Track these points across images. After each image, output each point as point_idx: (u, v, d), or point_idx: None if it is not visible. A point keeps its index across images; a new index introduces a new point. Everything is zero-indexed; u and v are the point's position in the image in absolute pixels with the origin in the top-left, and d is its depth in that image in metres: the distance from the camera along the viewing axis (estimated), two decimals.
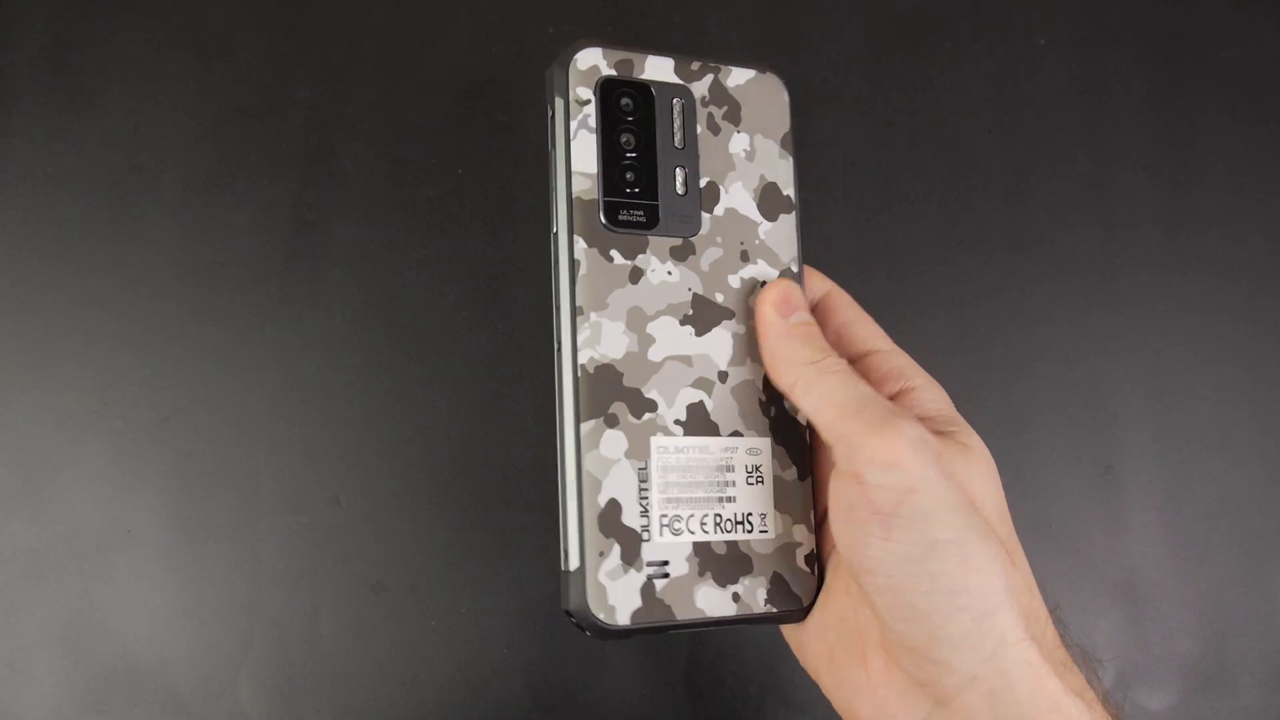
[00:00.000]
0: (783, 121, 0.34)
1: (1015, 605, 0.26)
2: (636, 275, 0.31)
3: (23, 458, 0.43)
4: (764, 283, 0.32)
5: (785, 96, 0.34)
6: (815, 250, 0.47)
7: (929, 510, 0.26)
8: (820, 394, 0.29)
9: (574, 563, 0.29)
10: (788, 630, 0.33)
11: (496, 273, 0.45)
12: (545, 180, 0.32)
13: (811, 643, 0.31)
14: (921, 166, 0.48)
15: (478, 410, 0.44)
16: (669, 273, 0.31)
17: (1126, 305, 0.48)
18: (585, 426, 0.29)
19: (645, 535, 0.29)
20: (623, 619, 0.29)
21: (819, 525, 0.32)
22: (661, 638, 0.36)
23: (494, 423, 0.44)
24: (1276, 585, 0.47)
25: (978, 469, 0.29)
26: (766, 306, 0.31)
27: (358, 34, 0.46)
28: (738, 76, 0.33)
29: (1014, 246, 0.48)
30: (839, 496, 0.28)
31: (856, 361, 0.32)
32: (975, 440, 0.30)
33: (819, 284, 0.34)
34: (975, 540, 0.26)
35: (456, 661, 0.43)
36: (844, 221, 0.47)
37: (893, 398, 0.31)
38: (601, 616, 0.28)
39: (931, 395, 0.31)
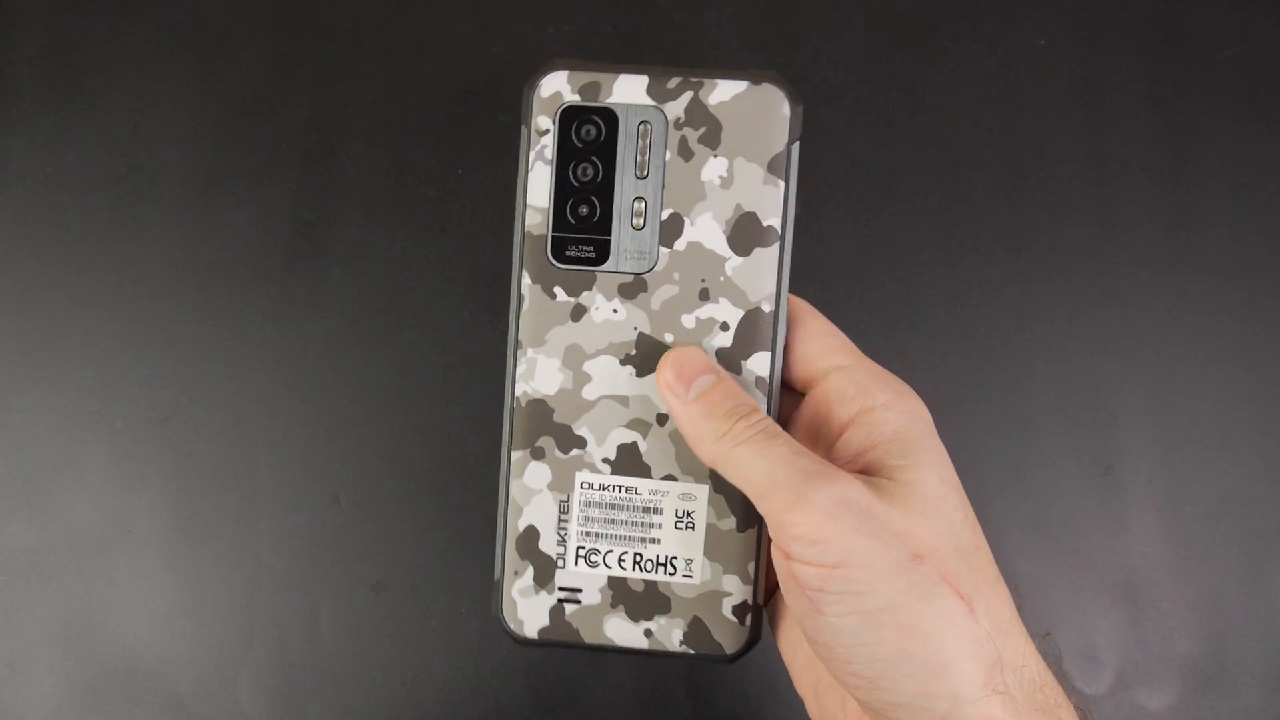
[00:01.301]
0: (776, 140, 0.30)
1: (971, 660, 0.25)
2: (579, 313, 0.30)
3: (23, 458, 0.43)
4: (723, 324, 0.30)
5: (786, 110, 0.30)
6: (815, 250, 0.47)
7: (858, 581, 0.25)
8: (740, 470, 0.27)
9: (496, 574, 0.31)
10: (785, 654, 0.32)
11: (496, 273, 0.45)
12: None
13: (802, 673, 0.31)
14: (921, 166, 0.48)
15: (478, 410, 0.44)
16: (614, 311, 0.30)
17: (1126, 305, 0.48)
18: (514, 455, 0.31)
19: (560, 563, 0.31)
20: (530, 633, 0.31)
21: (764, 577, 0.31)
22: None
23: (494, 423, 0.44)
24: (1276, 585, 0.47)
25: (920, 508, 0.26)
26: (664, 391, 0.29)
27: (358, 34, 0.46)
28: (724, 91, 0.30)
29: (1014, 246, 0.48)
30: (775, 569, 0.27)
31: (818, 382, 0.30)
32: (926, 472, 0.27)
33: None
34: (912, 603, 0.25)
35: (456, 661, 0.43)
36: (844, 221, 0.47)
37: (850, 421, 0.29)
38: (511, 627, 0.31)
39: (893, 414, 0.29)
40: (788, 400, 0.31)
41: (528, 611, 0.31)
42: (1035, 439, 0.47)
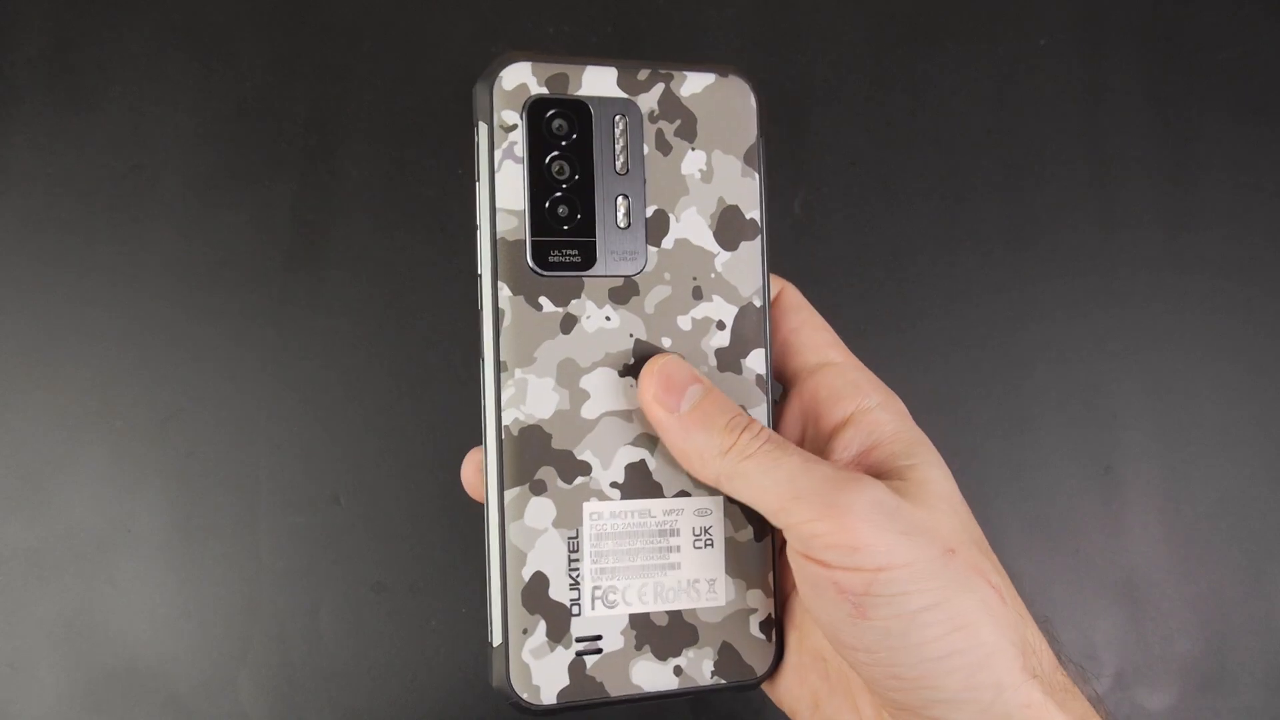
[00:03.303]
0: (748, 133, 0.29)
1: (1009, 648, 0.25)
2: (569, 324, 0.28)
3: (23, 458, 0.43)
4: (719, 323, 0.29)
5: (752, 102, 0.30)
6: (816, 250, 0.47)
7: (903, 581, 0.24)
8: (751, 485, 0.26)
9: (496, 638, 0.27)
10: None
11: None
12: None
13: (790, 689, 0.29)
14: (921, 166, 0.48)
15: (478, 410, 0.44)
16: (607, 318, 0.28)
17: (1126, 305, 0.48)
18: (509, 494, 0.27)
19: (575, 610, 0.27)
20: (547, 698, 0.27)
21: (780, 583, 0.30)
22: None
23: None
24: (1276, 585, 0.47)
25: (941, 506, 0.26)
26: (652, 406, 0.27)
27: (358, 34, 0.46)
28: (694, 83, 0.29)
29: (1014, 246, 0.48)
30: (801, 575, 0.26)
31: (809, 376, 0.29)
32: (933, 470, 0.27)
33: (773, 284, 0.31)
34: (956, 596, 0.25)
35: (456, 661, 0.43)
36: (844, 221, 0.47)
37: (848, 419, 0.28)
38: (525, 696, 0.27)
39: (888, 415, 0.28)
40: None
41: (544, 674, 0.27)
42: (1035, 439, 0.47)
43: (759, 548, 0.29)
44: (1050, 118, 0.49)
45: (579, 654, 0.27)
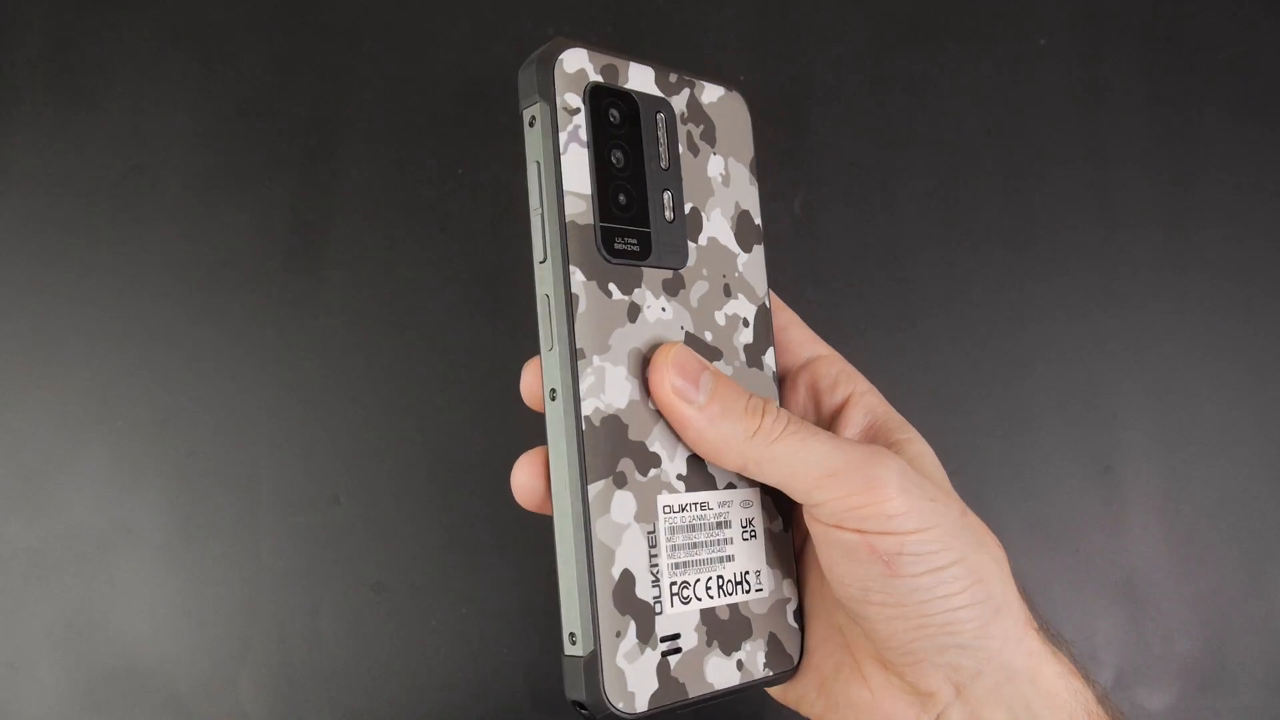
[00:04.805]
0: (749, 145, 0.31)
1: (1015, 601, 0.28)
2: (634, 312, 0.27)
3: (23, 458, 0.43)
4: (744, 319, 0.30)
5: (749, 118, 0.31)
6: (816, 250, 0.47)
7: (934, 539, 0.26)
8: (782, 467, 0.27)
9: (586, 646, 0.25)
10: None
11: (496, 273, 0.45)
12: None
13: (799, 679, 0.30)
14: (921, 166, 0.48)
15: (478, 410, 0.44)
16: (663, 309, 0.28)
17: (1126, 305, 0.48)
18: (594, 488, 0.26)
19: (658, 608, 0.26)
20: (641, 705, 0.25)
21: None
22: None
23: (494, 422, 0.44)
24: (1276, 585, 0.47)
25: (932, 468, 0.30)
26: (674, 400, 0.27)
27: (358, 34, 0.46)
28: (710, 93, 0.30)
29: (1014, 246, 0.48)
30: (830, 543, 0.27)
31: (800, 370, 0.32)
32: (920, 443, 0.30)
33: None
34: (974, 552, 0.27)
35: (456, 661, 0.43)
36: (844, 221, 0.47)
37: (845, 402, 0.31)
38: (620, 706, 0.25)
39: (876, 399, 0.31)
40: None
41: (637, 679, 0.25)
42: (1035, 439, 0.47)
43: (786, 538, 0.30)
44: (1050, 118, 0.49)
45: (664, 655, 0.26)
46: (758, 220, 0.31)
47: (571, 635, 0.26)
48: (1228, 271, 0.49)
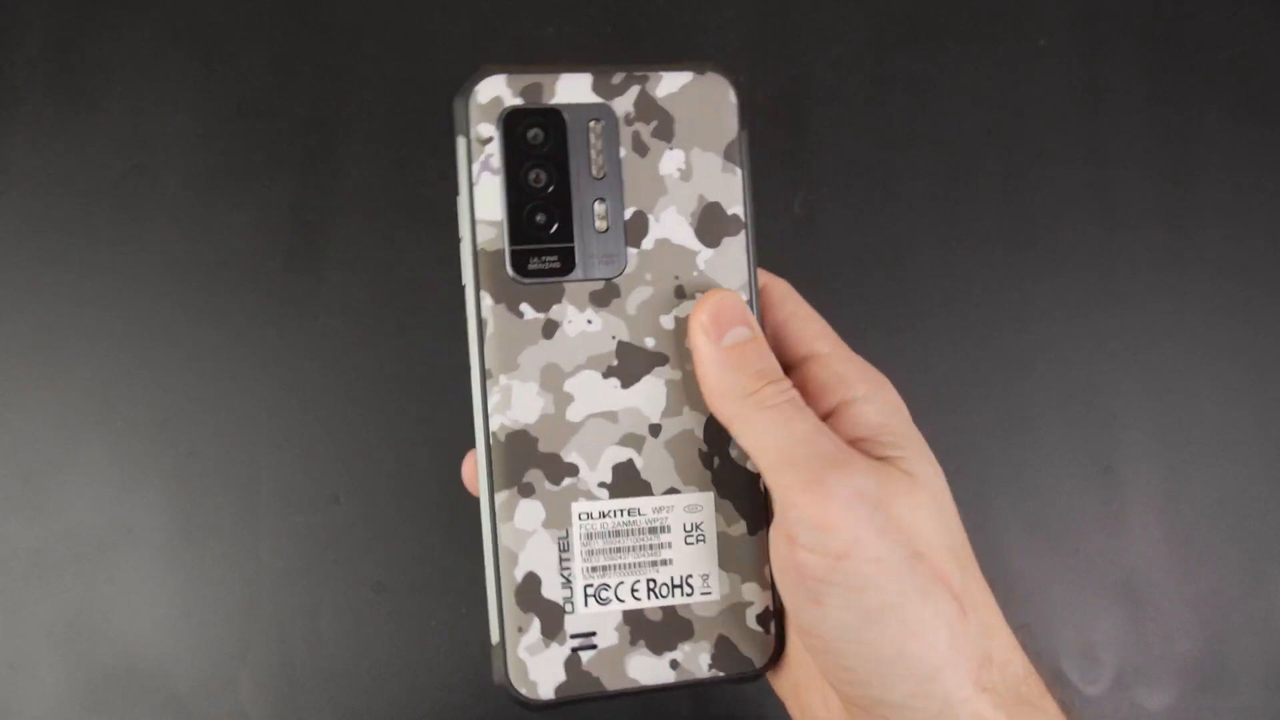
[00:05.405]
0: (728, 129, 0.29)
1: (962, 661, 0.25)
2: (551, 329, 0.28)
3: (23, 458, 0.43)
4: None
5: (732, 97, 0.29)
6: (816, 250, 0.47)
7: (864, 576, 0.24)
8: (757, 435, 0.26)
9: (495, 636, 0.28)
10: None
11: None
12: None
13: (781, 671, 0.30)
14: (921, 166, 0.48)
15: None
16: (589, 322, 0.29)
17: (1126, 305, 0.48)
18: (499, 497, 0.28)
19: (568, 608, 0.28)
20: (545, 693, 0.28)
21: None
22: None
23: None
24: (1276, 585, 0.47)
25: (924, 503, 0.26)
26: (696, 331, 0.27)
27: (358, 34, 0.46)
28: (670, 83, 0.29)
29: (1014, 246, 0.48)
30: (775, 552, 0.26)
31: (795, 369, 0.29)
32: (923, 465, 0.27)
33: (760, 279, 0.31)
34: (914, 602, 0.25)
35: (456, 661, 0.43)
36: (844, 221, 0.47)
37: (831, 412, 0.28)
38: (523, 691, 0.28)
39: (876, 407, 0.28)
40: None
41: (540, 670, 0.28)
42: (1035, 439, 0.47)
43: (753, 541, 0.29)
44: (1050, 118, 0.49)
45: (574, 650, 0.28)
46: (734, 210, 0.29)
47: (489, 625, 0.29)
48: (1228, 271, 0.49)
